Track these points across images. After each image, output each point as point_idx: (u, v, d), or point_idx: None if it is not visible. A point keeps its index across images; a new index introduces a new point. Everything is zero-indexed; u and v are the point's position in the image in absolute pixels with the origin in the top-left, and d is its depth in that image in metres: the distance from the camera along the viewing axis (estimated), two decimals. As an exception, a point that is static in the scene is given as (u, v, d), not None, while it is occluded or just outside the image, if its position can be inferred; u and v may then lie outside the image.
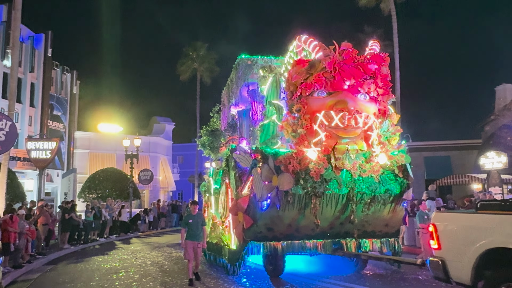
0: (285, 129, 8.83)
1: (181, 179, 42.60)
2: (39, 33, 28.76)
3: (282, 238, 8.64)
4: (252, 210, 8.57)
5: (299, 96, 8.71)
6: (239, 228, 8.95)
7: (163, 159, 37.19)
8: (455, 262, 5.47)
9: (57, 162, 28.63)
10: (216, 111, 20.77)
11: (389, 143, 8.72)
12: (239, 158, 8.98)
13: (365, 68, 8.61)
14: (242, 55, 11.98)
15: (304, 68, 8.70)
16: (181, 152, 46.80)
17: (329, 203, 8.31)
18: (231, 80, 13.44)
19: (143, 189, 32.94)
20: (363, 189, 8.33)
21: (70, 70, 32.15)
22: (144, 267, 11.70)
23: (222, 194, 10.82)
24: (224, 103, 15.30)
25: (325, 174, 8.05)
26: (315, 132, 8.34)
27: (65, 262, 13.09)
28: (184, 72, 38.57)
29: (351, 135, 8.23)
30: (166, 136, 38.57)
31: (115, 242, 18.88)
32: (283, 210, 8.22)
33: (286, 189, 7.97)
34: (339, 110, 8.19)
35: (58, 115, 30.48)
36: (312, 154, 8.08)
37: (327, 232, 8.72)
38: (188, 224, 9.13)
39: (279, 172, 8.01)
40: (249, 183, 8.72)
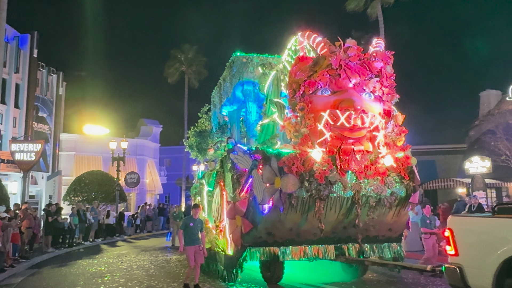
0: (287, 128, 8.46)
1: (169, 182, 42.33)
2: (24, 33, 28.37)
3: (282, 243, 8.29)
4: (251, 213, 8.22)
5: (302, 94, 8.35)
6: (237, 233, 8.57)
7: (150, 162, 36.93)
8: (474, 269, 5.19)
9: (42, 164, 28.21)
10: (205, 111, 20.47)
11: (394, 144, 8.46)
12: (237, 159, 8.59)
13: (370, 66, 8.29)
14: (237, 53, 11.47)
15: (308, 65, 8.36)
16: (169, 155, 46.53)
17: (333, 206, 7.97)
18: (224, 79, 12.95)
19: (130, 192, 32.63)
20: (369, 192, 8.02)
21: (56, 71, 31.76)
22: (130, 271, 11.56)
23: (216, 197, 10.39)
24: (215, 103, 14.80)
25: (330, 176, 7.72)
26: (320, 132, 7.94)
27: (49, 266, 12.87)
28: (172, 75, 38.45)
29: (357, 136, 7.89)
30: (154, 138, 38.31)
31: (101, 245, 18.65)
32: (285, 214, 7.83)
33: (291, 191, 7.58)
34: (345, 109, 7.84)
35: (43, 116, 30.05)
36: (316, 154, 7.72)
37: (329, 237, 8.35)
38: (187, 228, 8.75)
39: (282, 174, 7.65)
40: (248, 185, 8.35)
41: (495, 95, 28.33)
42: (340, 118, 7.79)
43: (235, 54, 11.51)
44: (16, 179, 24.67)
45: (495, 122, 21.72)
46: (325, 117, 7.90)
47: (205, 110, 19.84)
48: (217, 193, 10.23)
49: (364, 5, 26.28)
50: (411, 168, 8.35)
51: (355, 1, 26.24)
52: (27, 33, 28.51)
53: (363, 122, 7.82)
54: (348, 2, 26.48)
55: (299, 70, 8.44)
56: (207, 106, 19.69)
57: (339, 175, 7.78)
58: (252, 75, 11.06)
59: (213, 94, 14.99)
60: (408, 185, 8.23)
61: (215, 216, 10.32)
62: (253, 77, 11.02)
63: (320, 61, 8.26)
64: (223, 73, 12.91)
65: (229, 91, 12.09)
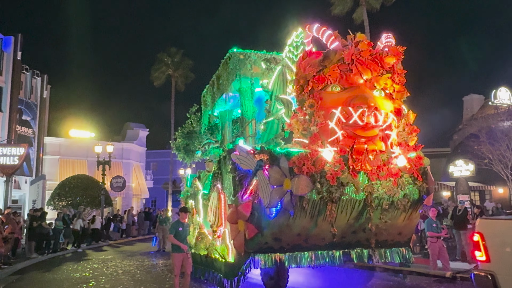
0: (295, 126, 7.96)
1: (155, 186, 42.04)
2: (8, 35, 27.96)
3: (289, 249, 7.80)
4: (256, 218, 7.66)
5: (310, 91, 7.84)
6: (240, 239, 7.99)
7: (136, 165, 36.64)
8: (509, 276, 4.83)
9: (25, 169, 27.77)
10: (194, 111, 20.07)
11: (406, 144, 8.06)
12: (240, 160, 7.97)
13: (382, 61, 7.77)
14: (233, 49, 10.88)
15: (317, 60, 7.83)
16: (155, 158, 46.24)
17: (344, 209, 7.54)
18: (218, 76, 12.35)
19: (116, 197, 32.31)
20: (381, 194, 7.63)
21: (41, 74, 31.32)
22: (115, 276, 11.42)
23: (212, 200, 9.78)
24: (207, 102, 14.22)
25: (342, 177, 7.29)
26: (331, 130, 7.45)
27: (32, 272, 12.64)
28: (158, 78, 38.25)
29: (369, 134, 7.40)
30: (140, 142, 38.03)
31: (86, 251, 18.40)
32: (294, 218, 7.36)
33: (303, 193, 7.11)
34: (358, 106, 7.33)
35: (27, 120, 29.59)
36: (328, 154, 7.28)
37: (338, 242, 7.88)
38: (176, 233, 8.38)
39: (293, 175, 7.16)
40: (251, 188, 7.79)
41: (478, 100, 28.85)
42: (353, 116, 7.30)
43: (231, 50, 10.95)
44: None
45: (478, 126, 22.07)
46: (336, 114, 7.40)
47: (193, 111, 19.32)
48: (214, 196, 9.68)
49: (348, 10, 26.57)
50: (425, 169, 8.03)
51: (340, 6, 26.51)
52: (10, 35, 28.09)
53: (377, 120, 7.36)
54: (333, 7, 26.74)
55: (308, 64, 7.89)
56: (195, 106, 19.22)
57: (351, 176, 7.39)
58: (250, 72, 10.56)
59: (204, 93, 14.47)
60: (421, 186, 7.90)
61: (211, 221, 9.69)
62: (251, 75, 10.55)
63: (330, 55, 7.74)
64: (217, 70, 12.30)
65: (225, 89, 11.54)
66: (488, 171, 21.01)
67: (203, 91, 14.36)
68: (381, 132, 7.51)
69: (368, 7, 26.36)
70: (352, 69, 7.63)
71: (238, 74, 10.54)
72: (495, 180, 22.11)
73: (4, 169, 20.04)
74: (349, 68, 7.63)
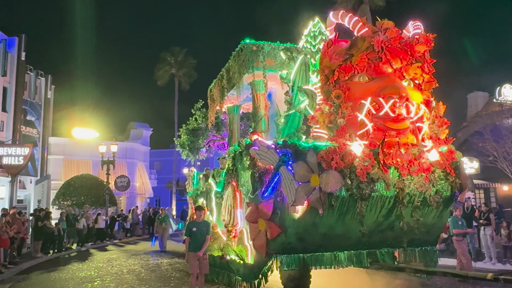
0: (319, 119, 7.47)
1: (159, 186, 42.15)
2: (12, 36, 28.09)
3: (313, 249, 7.38)
4: (279, 216, 7.22)
5: (336, 81, 7.35)
6: (261, 239, 7.52)
7: (140, 165, 36.73)
8: None
9: (30, 169, 27.88)
10: (199, 108, 19.42)
11: (436, 137, 7.59)
12: (259, 155, 7.48)
13: (412, 50, 7.27)
14: (246, 40, 10.37)
15: (344, 48, 7.32)
16: (159, 158, 46.34)
17: (373, 207, 7.08)
18: (227, 70, 11.80)
19: (120, 196, 32.42)
20: (413, 190, 7.18)
21: (45, 75, 31.44)
22: (120, 275, 11.46)
23: (227, 199, 9.26)
24: (214, 97, 13.60)
25: (372, 173, 6.82)
26: (361, 122, 6.93)
27: (38, 271, 12.70)
28: (161, 78, 38.31)
29: (401, 127, 6.91)
30: (144, 142, 38.12)
31: (91, 250, 18.47)
32: (321, 217, 6.90)
33: (333, 190, 6.62)
34: (389, 97, 6.86)
35: (31, 120, 29.74)
36: (357, 148, 6.83)
37: (363, 242, 7.40)
38: (191, 233, 8.13)
39: (321, 170, 6.66)
40: (273, 184, 7.35)
41: (483, 97, 28.70)
42: (384, 107, 6.81)
43: (243, 42, 10.43)
44: (4, 184, 24.35)
45: (483, 123, 21.97)
46: (366, 105, 6.89)
47: (198, 107, 18.67)
48: (229, 194, 9.14)
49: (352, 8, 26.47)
50: (457, 164, 7.55)
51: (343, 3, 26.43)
52: (14, 36, 28.22)
53: (408, 111, 6.88)
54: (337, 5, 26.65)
55: (334, 53, 7.37)
56: (201, 102, 18.65)
57: (381, 172, 6.91)
58: (263, 65, 10.05)
59: (212, 88, 13.87)
60: (454, 182, 7.44)
61: (226, 220, 9.19)
62: (264, 67, 10.05)
63: (358, 42, 7.19)
64: (227, 63, 11.76)
65: (237, 82, 10.91)
66: (493, 168, 20.91)
67: (210, 85, 13.85)
68: (412, 125, 7.05)
69: (371, 4, 26.29)
70: (382, 58, 7.14)
71: (250, 66, 10.06)
72: (500, 177, 22.00)
73: (9, 169, 20.14)
74: (378, 57, 7.14)
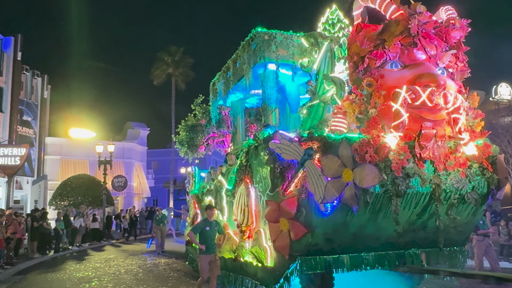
0: (348, 109, 6.92)
1: (156, 185, 42.05)
2: (8, 36, 27.94)
3: (340, 251, 6.84)
4: (305, 215, 6.61)
5: (366, 69, 6.82)
6: (283, 240, 6.92)
7: (137, 165, 36.62)
8: None
9: (26, 169, 27.74)
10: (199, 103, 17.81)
11: (471, 130, 6.99)
12: (281, 149, 6.84)
13: (448, 36, 6.68)
14: (258, 28, 9.74)
15: (375, 33, 6.70)
16: (156, 157, 46.23)
17: (407, 204, 6.60)
18: (235, 61, 11.05)
19: (117, 196, 32.32)
20: (449, 187, 6.67)
21: (41, 74, 31.30)
22: (117, 275, 11.36)
23: (240, 197, 8.59)
24: (218, 91, 12.74)
25: (408, 168, 6.33)
26: (395, 112, 6.33)
27: (35, 272, 12.57)
28: (158, 77, 38.26)
29: (438, 118, 6.35)
30: (141, 141, 38.01)
31: (88, 250, 18.37)
32: (352, 215, 6.37)
33: (370, 185, 6.12)
34: (425, 85, 6.33)
35: (28, 120, 29.58)
36: (392, 140, 6.28)
37: (393, 242, 6.92)
38: (202, 233, 7.66)
39: (355, 164, 6.14)
40: (297, 180, 6.72)
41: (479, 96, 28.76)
42: (421, 96, 6.28)
43: (255, 30, 9.81)
44: (1, 184, 24.23)
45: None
46: (402, 94, 6.31)
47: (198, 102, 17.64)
48: (242, 192, 8.48)
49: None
50: (494, 158, 7.01)
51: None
52: (10, 36, 28.06)
53: (446, 101, 6.34)
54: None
55: (365, 38, 6.77)
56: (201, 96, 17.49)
57: (417, 166, 6.43)
58: (275, 55, 9.48)
59: (215, 81, 12.92)
60: (491, 178, 6.91)
61: (239, 220, 8.54)
62: (276, 57, 9.49)
63: (391, 26, 6.56)
64: (234, 54, 11.02)
65: (246, 73, 10.17)
66: (490, 167, 20.93)
67: (214, 78, 13.11)
68: (447, 116, 6.49)
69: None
70: (417, 43, 6.56)
71: (262, 57, 9.45)
72: (497, 176, 22.06)
73: (5, 169, 20.03)
74: (414, 42, 6.55)
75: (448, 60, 6.80)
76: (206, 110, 16.99)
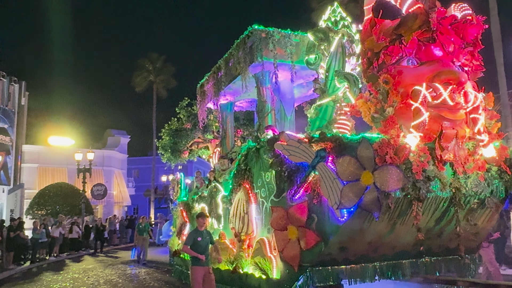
0: (363, 108, 6.48)
1: (137, 194, 41.44)
2: (-16, 42, 27.31)
3: (353, 261, 6.38)
4: (317, 222, 6.15)
5: (381, 65, 6.39)
6: (292, 249, 6.40)
7: (117, 173, 36.04)
8: None
9: (2, 177, 26.97)
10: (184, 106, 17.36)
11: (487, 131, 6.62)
12: (288, 150, 6.35)
13: (465, 32, 6.30)
14: (254, 25, 9.23)
15: (391, 27, 6.27)
16: (137, 165, 45.63)
17: (426, 210, 6.18)
18: (227, 60, 10.45)
19: (97, 205, 31.72)
20: (469, 191, 6.29)
21: (18, 81, 30.63)
22: (96, 286, 10.99)
23: (237, 203, 7.98)
24: (207, 93, 12.08)
25: (428, 170, 5.94)
26: (415, 111, 5.89)
27: (10, 283, 12.04)
28: (139, 84, 37.89)
29: (458, 117, 5.95)
30: (121, 149, 37.44)
31: (66, 260, 17.85)
32: (370, 222, 5.90)
33: (394, 189, 5.66)
34: (445, 83, 5.93)
35: (4, 127, 28.81)
36: (413, 141, 5.87)
37: (407, 250, 6.56)
38: (195, 244, 7.11)
39: (376, 166, 5.66)
40: (307, 184, 6.27)
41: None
42: (443, 94, 5.88)
43: (251, 28, 9.29)
44: (-25, 193, 23.52)
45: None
46: (422, 91, 5.89)
47: (183, 105, 17.19)
48: (240, 198, 7.90)
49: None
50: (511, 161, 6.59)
51: None
52: (-14, 42, 27.44)
53: (467, 100, 5.95)
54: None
55: (382, 32, 6.33)
56: (186, 100, 17.18)
57: (437, 169, 6.00)
58: (273, 54, 9.00)
59: (203, 83, 12.44)
60: (510, 181, 6.57)
61: (237, 228, 7.96)
62: (274, 56, 9.03)
63: (409, 21, 6.10)
64: (228, 52, 10.38)
65: (242, 72, 9.61)
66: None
67: (202, 80, 12.48)
68: (465, 116, 6.14)
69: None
70: (435, 39, 6.20)
71: (259, 55, 9.00)
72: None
73: (-20, 178, 19.41)
74: (432, 38, 6.16)
75: (464, 58, 6.42)
76: (192, 113, 16.45)
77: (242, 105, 12.49)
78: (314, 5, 24.48)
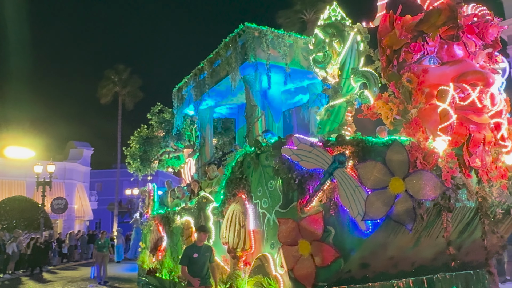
0: (383, 109, 5.94)
1: (100, 207, 40.11)
2: None
3: (372, 278, 5.83)
4: (335, 236, 5.53)
5: (400, 63, 5.89)
6: (306, 267, 5.69)
7: (79, 186, 34.81)
8: None
9: (-46, 190, 25.59)
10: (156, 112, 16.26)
11: None
12: (299, 156, 5.72)
13: (486, 33, 5.93)
14: (246, 23, 8.67)
15: (412, 23, 5.81)
16: (100, 178, 44.25)
17: (452, 221, 5.62)
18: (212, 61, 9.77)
19: (56, 219, 30.46)
20: (493, 200, 5.82)
21: (-25, 90, 29.32)
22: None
23: (232, 216, 7.22)
24: (186, 98, 11.31)
25: (457, 178, 5.45)
26: (443, 113, 5.31)
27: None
28: (105, 96, 37.11)
29: (484, 121, 5.44)
30: (84, 161, 36.24)
31: (22, 278, 16.74)
32: (395, 235, 5.34)
33: (431, 198, 5.17)
34: (473, 84, 5.41)
35: (-42, 138, 27.44)
36: (441, 145, 5.32)
37: (426, 265, 6.11)
38: (190, 261, 6.39)
39: (407, 172, 5.16)
40: (322, 193, 5.61)
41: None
42: (471, 95, 5.37)
43: (243, 26, 8.68)
44: None
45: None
46: (450, 92, 5.33)
47: (156, 111, 16.07)
48: (234, 210, 7.17)
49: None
50: None
51: None
52: None
53: (493, 102, 5.48)
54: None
55: (403, 28, 5.85)
56: (159, 105, 16.04)
57: (464, 176, 5.53)
58: (266, 54, 8.43)
59: (181, 86, 11.58)
60: None
61: (231, 243, 7.12)
62: (267, 57, 8.47)
63: (432, 16, 5.63)
64: (214, 52, 9.64)
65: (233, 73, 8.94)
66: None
67: (179, 84, 11.66)
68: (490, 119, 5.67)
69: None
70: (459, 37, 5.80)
71: (252, 56, 8.37)
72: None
73: None
74: (456, 36, 5.73)
75: (483, 59, 6.06)
76: (164, 120, 15.68)
77: (222, 112, 11.96)
78: (281, 21, 24.98)
